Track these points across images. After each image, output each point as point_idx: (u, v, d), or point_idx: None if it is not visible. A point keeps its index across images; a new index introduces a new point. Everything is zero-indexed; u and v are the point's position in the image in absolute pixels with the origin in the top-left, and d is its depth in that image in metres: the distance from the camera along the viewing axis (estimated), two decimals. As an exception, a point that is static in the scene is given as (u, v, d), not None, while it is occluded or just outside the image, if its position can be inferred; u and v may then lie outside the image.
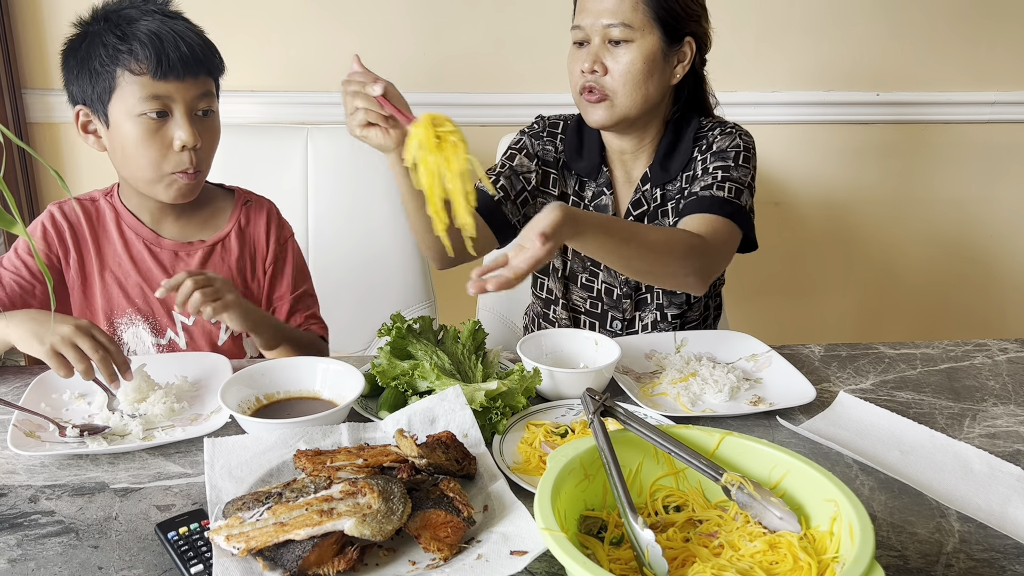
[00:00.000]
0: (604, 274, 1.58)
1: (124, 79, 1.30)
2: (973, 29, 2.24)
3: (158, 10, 1.34)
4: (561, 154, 1.58)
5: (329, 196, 1.94)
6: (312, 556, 0.80)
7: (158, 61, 1.29)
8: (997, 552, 0.91)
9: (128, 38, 1.30)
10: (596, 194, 1.56)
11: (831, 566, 0.77)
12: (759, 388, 1.27)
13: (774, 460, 0.87)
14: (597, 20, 1.39)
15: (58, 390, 1.21)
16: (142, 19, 1.31)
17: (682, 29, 1.42)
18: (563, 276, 1.62)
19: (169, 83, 1.30)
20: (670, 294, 1.56)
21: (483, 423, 1.08)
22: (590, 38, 1.42)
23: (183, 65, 1.30)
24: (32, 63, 2.10)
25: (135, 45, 1.29)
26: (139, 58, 1.29)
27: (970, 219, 2.43)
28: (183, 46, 1.31)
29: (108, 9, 1.35)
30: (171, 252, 1.44)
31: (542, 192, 1.58)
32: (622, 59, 1.40)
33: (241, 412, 1.09)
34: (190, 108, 1.33)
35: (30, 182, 2.18)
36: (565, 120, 1.61)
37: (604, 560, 0.81)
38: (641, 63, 1.40)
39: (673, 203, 1.53)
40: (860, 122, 2.31)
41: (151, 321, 1.44)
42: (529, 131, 1.61)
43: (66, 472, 1.02)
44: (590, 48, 1.42)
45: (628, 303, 1.57)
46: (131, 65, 1.29)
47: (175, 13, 1.36)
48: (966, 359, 1.38)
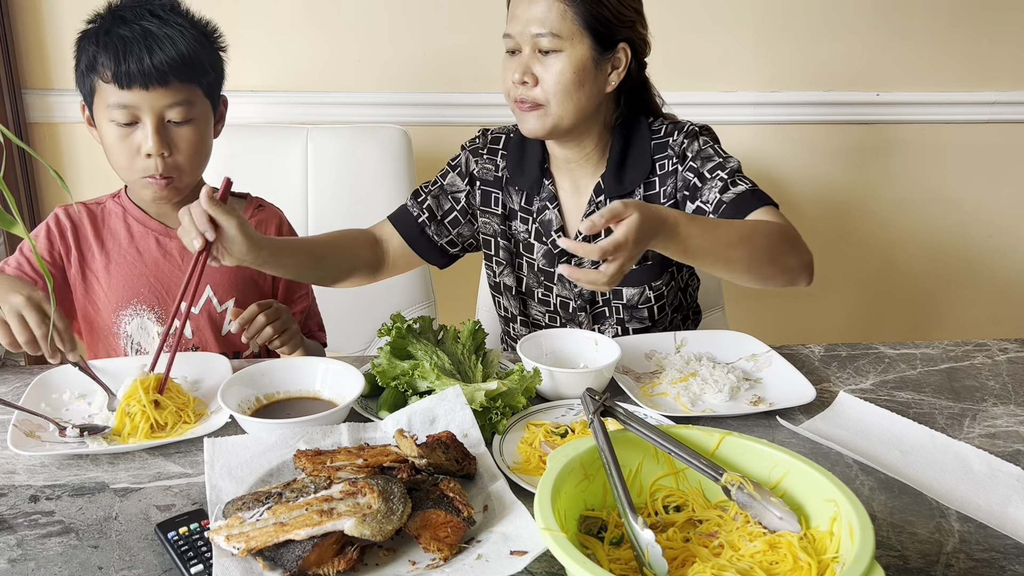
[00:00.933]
0: (558, 287, 1.54)
1: (99, 84, 1.33)
2: (973, 29, 2.24)
3: (155, 10, 1.34)
4: (503, 171, 1.54)
5: (329, 196, 1.94)
6: (312, 556, 0.80)
7: (116, 71, 1.30)
8: (997, 552, 0.91)
9: (102, 45, 1.31)
10: (540, 208, 1.51)
11: (831, 566, 0.77)
12: (759, 388, 1.27)
13: (774, 460, 0.87)
14: (526, 29, 1.35)
15: (58, 390, 1.21)
16: (130, 23, 1.32)
17: (614, 36, 1.37)
18: (518, 292, 1.60)
19: (134, 92, 1.31)
20: (630, 308, 1.52)
21: (483, 423, 1.08)
22: (520, 47, 1.38)
23: (144, 76, 1.30)
24: (32, 63, 2.10)
25: (103, 55, 1.31)
26: (105, 66, 1.31)
27: (970, 219, 2.43)
28: (156, 55, 1.30)
29: (113, 8, 1.37)
30: (180, 242, 1.44)
31: (484, 211, 1.56)
32: (552, 68, 1.36)
33: (241, 412, 1.09)
34: (159, 117, 1.33)
35: (30, 182, 2.18)
36: (508, 133, 1.57)
37: (604, 560, 0.81)
38: (571, 72, 1.35)
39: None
40: (860, 122, 2.31)
41: (157, 311, 1.47)
42: (469, 146, 1.58)
43: (66, 472, 1.02)
44: (520, 58, 1.38)
45: (584, 315, 1.54)
46: (102, 73, 1.32)
47: (175, 13, 1.36)
48: (966, 359, 1.38)
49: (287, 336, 1.40)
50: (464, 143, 1.60)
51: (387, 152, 1.94)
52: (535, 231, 1.53)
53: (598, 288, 1.12)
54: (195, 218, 1.19)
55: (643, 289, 1.50)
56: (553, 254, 1.52)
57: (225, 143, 1.92)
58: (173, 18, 1.35)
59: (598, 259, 1.09)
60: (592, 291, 1.52)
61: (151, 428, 1.11)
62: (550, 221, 1.51)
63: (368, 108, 2.17)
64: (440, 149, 2.21)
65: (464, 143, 1.60)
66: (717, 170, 1.40)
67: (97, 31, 1.34)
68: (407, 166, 1.94)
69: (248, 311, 1.37)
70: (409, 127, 1.99)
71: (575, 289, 1.53)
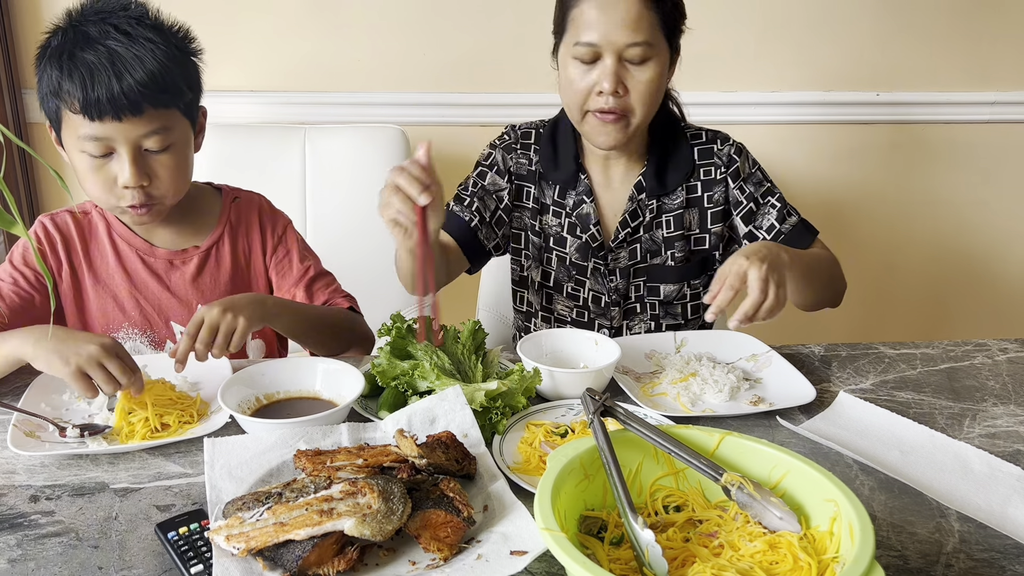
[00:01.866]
0: (591, 282, 1.55)
1: (66, 114, 1.24)
2: (973, 29, 2.24)
3: (121, 24, 1.22)
4: (536, 165, 1.53)
5: (327, 196, 1.94)
6: (312, 556, 0.80)
7: (84, 102, 1.19)
8: (997, 552, 0.91)
9: (66, 71, 1.21)
10: (577, 203, 1.51)
11: (831, 566, 0.77)
12: (759, 388, 1.26)
13: (774, 460, 0.87)
14: (615, 38, 1.32)
15: (58, 390, 1.20)
16: (95, 43, 1.20)
17: (677, 39, 1.40)
18: (544, 287, 1.60)
19: (106, 124, 1.21)
20: (666, 304, 1.55)
21: (483, 423, 1.08)
22: (601, 55, 1.34)
23: (115, 106, 1.20)
24: (32, 63, 2.10)
25: (67, 83, 1.20)
26: (71, 95, 1.20)
27: (970, 219, 2.43)
28: (125, 81, 1.19)
29: (74, 19, 1.25)
30: (165, 261, 1.41)
31: (517, 207, 1.56)
32: (642, 77, 1.35)
33: (241, 412, 1.09)
34: (135, 146, 1.24)
35: (30, 182, 2.18)
36: (537, 128, 1.56)
37: (604, 560, 0.81)
38: (658, 80, 1.36)
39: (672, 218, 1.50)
40: (860, 122, 2.30)
41: (149, 334, 1.42)
42: (500, 143, 1.57)
43: (66, 472, 1.02)
44: (606, 67, 1.33)
45: (616, 311, 1.56)
46: (69, 103, 1.21)
47: (143, 26, 1.24)
48: (966, 359, 1.38)
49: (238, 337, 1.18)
50: (493, 141, 1.58)
51: (385, 152, 1.94)
52: (568, 224, 1.53)
53: (775, 309, 1.18)
54: (417, 175, 1.11)
55: (682, 286, 1.54)
56: (590, 247, 1.52)
57: (223, 143, 1.92)
58: (141, 32, 1.23)
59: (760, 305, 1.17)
60: (625, 287, 1.54)
61: (152, 428, 1.11)
62: (588, 215, 1.51)
63: (366, 108, 2.17)
64: (439, 149, 2.21)
65: (493, 141, 1.58)
66: (768, 196, 1.49)
67: (59, 51, 1.22)
68: (407, 166, 1.94)
69: (181, 345, 1.16)
70: (408, 127, 1.99)
71: (610, 284, 1.54)
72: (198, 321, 1.17)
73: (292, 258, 1.48)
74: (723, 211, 1.51)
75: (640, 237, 1.52)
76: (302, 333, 1.37)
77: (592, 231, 1.51)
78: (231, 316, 1.18)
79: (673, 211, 1.50)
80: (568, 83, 1.39)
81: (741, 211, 1.50)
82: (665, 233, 1.52)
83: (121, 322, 1.41)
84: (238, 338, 1.18)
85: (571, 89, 1.39)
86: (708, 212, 1.51)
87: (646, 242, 1.52)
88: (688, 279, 1.54)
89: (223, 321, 1.17)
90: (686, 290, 1.55)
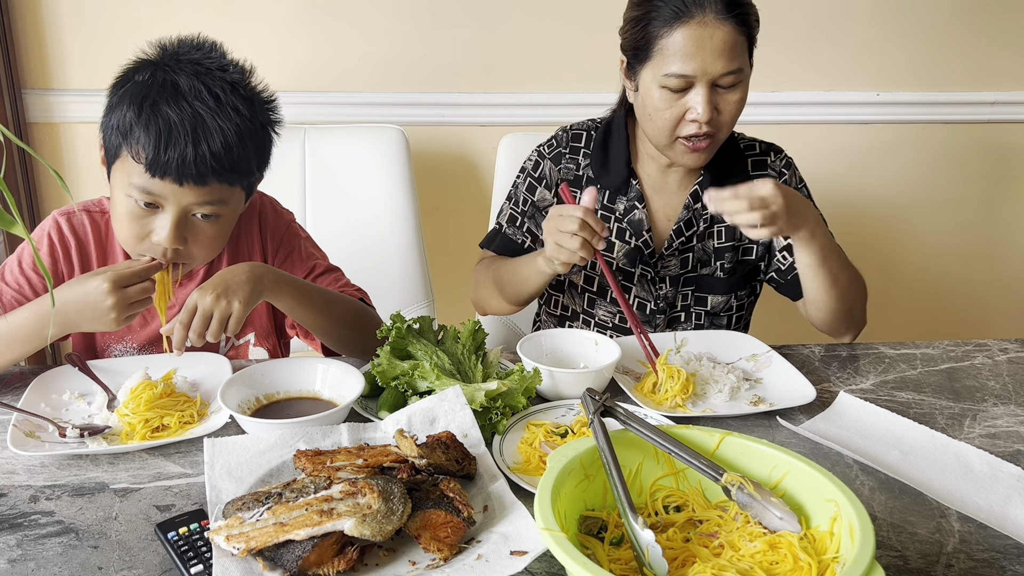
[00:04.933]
0: (637, 288, 1.52)
1: (126, 156, 1.19)
2: (973, 29, 2.23)
3: (214, 86, 1.18)
4: (585, 169, 1.51)
5: (326, 196, 1.94)
6: (312, 556, 0.80)
7: (154, 161, 1.16)
8: (997, 552, 0.91)
9: (143, 120, 1.16)
10: (628, 208, 1.49)
11: (831, 566, 0.77)
12: (759, 388, 1.26)
13: (774, 460, 0.87)
14: (711, 68, 1.29)
15: (58, 390, 1.21)
16: (182, 99, 1.16)
17: (755, 42, 1.39)
18: (586, 291, 1.56)
19: (165, 182, 1.18)
20: (712, 315, 1.54)
21: (483, 423, 1.08)
22: (693, 84, 1.32)
23: (181, 172, 1.16)
24: (32, 63, 2.10)
25: (141, 132, 1.16)
26: (140, 144, 1.17)
27: (970, 219, 2.43)
28: (200, 149, 1.16)
29: (167, 58, 1.20)
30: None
31: None
32: (731, 99, 1.34)
33: (241, 412, 1.09)
34: (183, 211, 1.21)
35: (30, 182, 2.18)
36: (589, 130, 1.53)
37: (604, 560, 0.81)
38: (744, 100, 1.36)
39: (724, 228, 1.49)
40: (860, 122, 2.30)
41: (147, 349, 1.40)
42: (549, 152, 1.53)
43: (66, 472, 1.02)
44: (700, 96, 1.31)
45: (662, 319, 1.54)
46: (134, 150, 1.18)
47: (235, 93, 1.19)
48: (966, 359, 1.38)
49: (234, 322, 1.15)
50: (541, 148, 1.55)
51: (385, 152, 1.94)
52: (617, 230, 1.51)
53: (769, 219, 1.21)
54: (594, 224, 1.24)
55: (729, 298, 1.53)
56: (641, 251, 1.50)
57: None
58: (231, 101, 1.19)
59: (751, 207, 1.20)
60: (674, 295, 1.52)
61: (152, 428, 1.11)
62: (640, 221, 1.49)
63: (366, 108, 2.17)
64: (438, 149, 2.21)
65: (541, 148, 1.55)
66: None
67: (143, 92, 1.17)
68: (405, 166, 1.94)
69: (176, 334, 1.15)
70: (407, 127, 1.99)
71: (658, 291, 1.52)
72: (191, 308, 1.14)
73: (296, 256, 1.44)
74: None
75: (693, 246, 1.50)
76: (307, 312, 1.29)
77: (645, 237, 1.49)
78: (225, 302, 1.14)
79: (726, 221, 1.47)
80: (655, 111, 1.36)
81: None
82: (716, 243, 1.50)
83: (123, 334, 1.39)
84: (234, 323, 1.15)
85: (659, 116, 1.36)
86: None
87: (698, 251, 1.51)
88: (735, 290, 1.53)
89: (217, 308, 1.14)
90: (732, 301, 1.54)
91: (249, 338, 1.47)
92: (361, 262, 1.91)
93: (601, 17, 2.12)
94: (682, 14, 1.30)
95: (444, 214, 2.26)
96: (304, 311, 1.28)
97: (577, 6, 2.11)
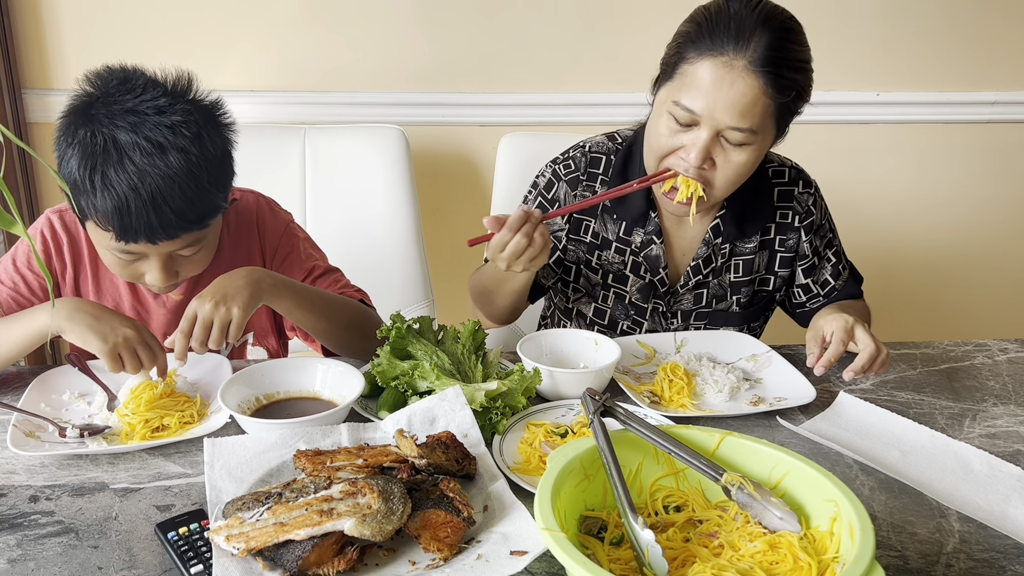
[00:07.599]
0: (649, 322, 1.48)
1: (91, 221, 1.18)
2: (973, 29, 2.23)
3: (156, 137, 1.12)
4: None
5: (326, 196, 1.94)
6: (312, 556, 0.80)
7: (121, 231, 1.14)
8: (997, 552, 0.91)
9: (96, 190, 1.12)
10: (645, 243, 1.42)
11: (831, 566, 0.77)
12: (759, 388, 1.26)
13: (774, 460, 0.87)
14: (719, 116, 1.21)
15: (58, 390, 1.21)
16: (125, 156, 1.12)
17: (789, 122, 1.30)
18: (595, 323, 1.52)
19: (139, 244, 1.17)
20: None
21: (483, 423, 1.08)
22: (699, 123, 1.23)
23: (151, 237, 1.16)
24: (32, 63, 2.10)
25: (99, 202, 1.13)
26: (98, 213, 1.14)
27: (970, 219, 2.43)
28: (163, 215, 1.14)
29: (99, 106, 1.14)
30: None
31: (572, 240, 1.46)
32: (735, 159, 1.25)
33: (241, 412, 1.09)
34: (166, 256, 1.22)
35: (30, 182, 2.18)
36: (608, 155, 1.44)
37: (604, 560, 0.81)
38: (752, 163, 1.27)
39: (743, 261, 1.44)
40: (860, 122, 2.30)
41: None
42: (566, 174, 1.44)
43: (66, 472, 1.02)
44: (699, 140, 1.23)
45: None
46: (96, 218, 1.16)
47: (177, 132, 1.14)
48: (966, 359, 1.38)
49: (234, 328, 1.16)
50: (557, 168, 1.46)
51: (385, 152, 1.94)
52: (632, 263, 1.44)
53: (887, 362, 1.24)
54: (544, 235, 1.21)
55: (743, 328, 1.50)
56: (655, 287, 1.45)
57: (225, 143, 1.91)
58: (177, 142, 1.14)
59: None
60: (686, 328, 1.48)
61: (152, 428, 1.11)
62: (657, 258, 1.42)
63: (366, 108, 2.17)
64: (438, 149, 2.21)
65: (557, 168, 1.46)
66: (827, 249, 1.49)
67: (87, 154, 1.13)
68: (405, 166, 1.94)
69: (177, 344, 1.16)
70: (407, 127, 1.99)
71: (670, 326, 1.48)
72: (191, 317, 1.15)
73: (295, 257, 1.43)
74: (792, 257, 1.46)
75: (709, 282, 1.46)
76: (307, 315, 1.28)
77: (661, 275, 1.43)
78: (224, 309, 1.14)
79: (745, 255, 1.44)
80: (655, 133, 1.30)
81: (804, 264, 1.47)
82: (733, 277, 1.46)
83: None
84: (235, 329, 1.15)
85: (656, 141, 1.30)
86: (778, 255, 1.46)
87: (713, 287, 1.46)
88: (749, 322, 1.50)
89: (216, 315, 1.14)
90: (746, 332, 1.50)
91: (247, 338, 1.47)
92: (361, 262, 1.91)
93: (601, 18, 2.13)
94: (716, 48, 1.21)
95: (444, 214, 2.26)
96: (303, 314, 1.27)
97: (577, 7, 2.11)
